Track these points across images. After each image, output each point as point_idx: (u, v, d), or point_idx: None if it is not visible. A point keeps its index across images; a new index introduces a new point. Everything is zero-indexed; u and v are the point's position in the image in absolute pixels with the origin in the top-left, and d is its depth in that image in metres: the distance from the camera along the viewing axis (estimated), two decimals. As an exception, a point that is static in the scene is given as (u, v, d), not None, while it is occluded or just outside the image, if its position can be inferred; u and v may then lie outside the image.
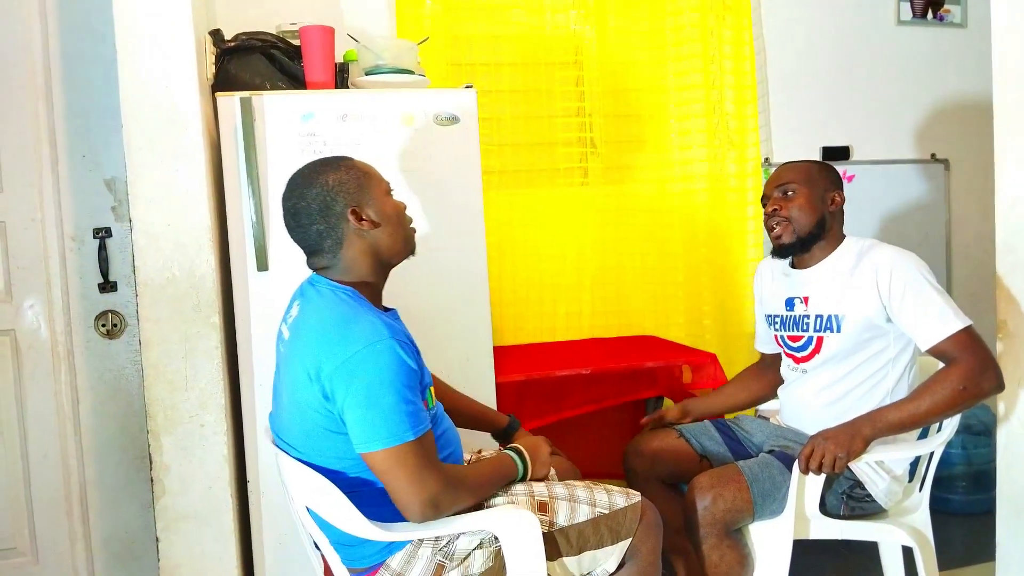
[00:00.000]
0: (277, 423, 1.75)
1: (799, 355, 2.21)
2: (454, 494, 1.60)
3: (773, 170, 3.47)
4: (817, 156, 3.57)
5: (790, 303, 2.22)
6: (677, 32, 3.32)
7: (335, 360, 1.54)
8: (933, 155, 3.74)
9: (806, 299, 2.17)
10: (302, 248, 1.74)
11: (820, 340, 2.13)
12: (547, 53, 3.23)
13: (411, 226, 1.80)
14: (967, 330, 1.93)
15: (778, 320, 2.28)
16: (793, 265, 2.24)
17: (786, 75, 3.51)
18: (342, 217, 1.67)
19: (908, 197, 3.71)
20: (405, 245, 1.77)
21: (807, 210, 2.13)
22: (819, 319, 2.12)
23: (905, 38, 3.68)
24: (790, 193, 2.15)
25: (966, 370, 1.88)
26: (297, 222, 1.70)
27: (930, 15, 3.71)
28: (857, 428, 1.93)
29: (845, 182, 3.57)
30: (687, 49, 3.33)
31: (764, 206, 2.23)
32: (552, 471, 1.90)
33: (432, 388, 1.75)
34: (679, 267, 3.37)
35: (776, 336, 2.30)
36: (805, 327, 2.17)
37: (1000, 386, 1.91)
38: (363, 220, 1.68)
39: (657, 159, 3.35)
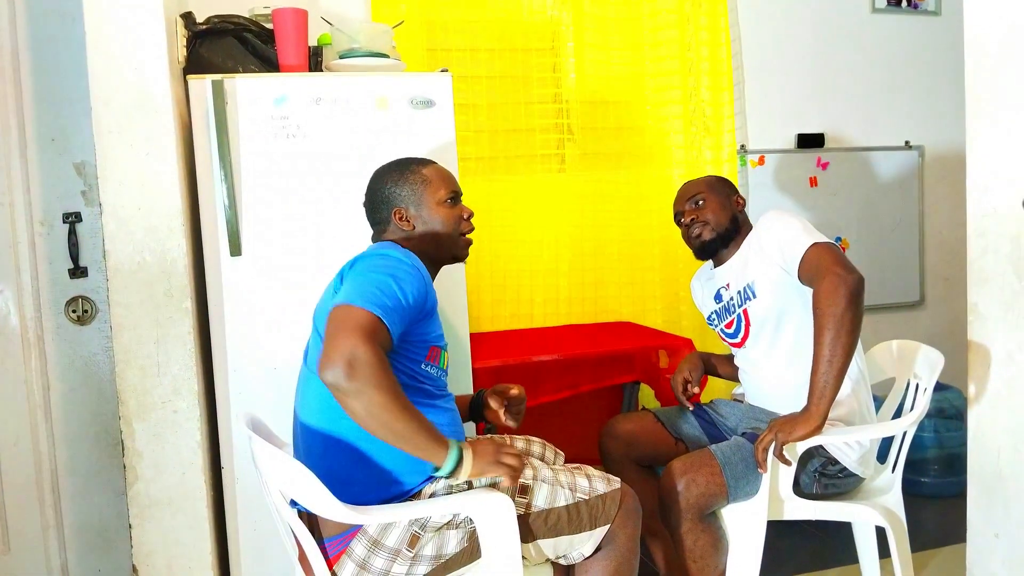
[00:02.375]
0: (308, 350, 1.83)
1: (736, 339, 2.29)
2: (372, 371, 1.49)
3: (747, 157, 3.50)
4: (792, 143, 3.61)
5: (718, 296, 2.34)
6: (653, 19, 3.33)
7: (359, 258, 1.73)
8: (907, 142, 3.77)
9: (728, 284, 2.29)
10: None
11: (745, 313, 2.22)
12: (524, 39, 3.23)
13: (465, 235, 1.93)
14: (816, 246, 2.01)
15: (714, 315, 2.37)
16: (715, 266, 2.36)
17: (762, 62, 3.53)
18: (389, 213, 1.89)
19: (882, 183, 3.74)
20: (446, 251, 1.92)
21: (719, 211, 2.28)
22: (739, 294, 2.24)
23: (880, 25, 3.71)
24: (700, 202, 2.30)
25: (828, 288, 1.92)
26: (367, 204, 1.95)
27: (904, 3, 3.74)
28: (808, 412, 1.94)
29: (819, 169, 3.63)
30: (663, 36, 3.34)
31: (679, 222, 2.36)
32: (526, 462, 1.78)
33: (447, 355, 1.84)
34: (656, 253, 3.38)
35: (718, 334, 2.38)
36: (732, 309, 2.27)
37: (860, 277, 1.94)
38: (404, 220, 1.88)
39: (634, 146, 3.36)
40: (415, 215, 1.87)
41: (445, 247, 1.91)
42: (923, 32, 3.76)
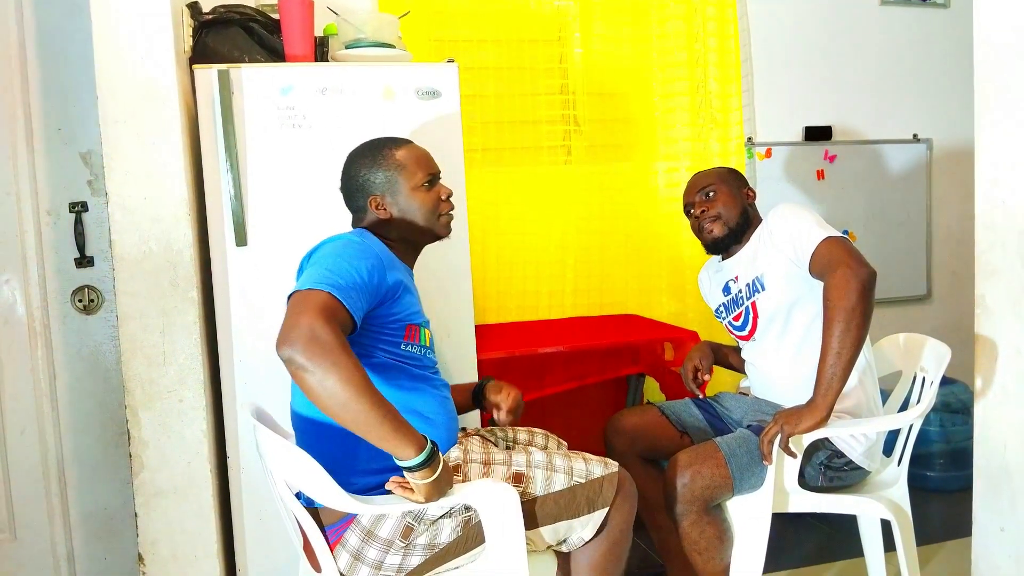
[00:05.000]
0: None
1: (744, 332, 2.28)
2: (331, 348, 1.45)
3: (755, 149, 3.49)
4: (800, 136, 3.59)
5: (726, 288, 2.32)
6: (661, 10, 3.32)
7: (314, 249, 1.73)
8: (915, 135, 3.75)
9: (736, 277, 2.28)
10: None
11: (754, 306, 2.21)
12: (530, 30, 3.21)
13: (445, 214, 1.90)
14: (828, 240, 2.00)
15: (722, 308, 2.36)
16: (723, 259, 2.35)
17: (770, 54, 3.51)
18: (365, 202, 1.86)
19: (890, 177, 3.73)
20: (426, 233, 1.89)
21: (731, 204, 2.27)
22: (747, 287, 2.23)
23: (888, 18, 3.69)
24: (712, 194, 2.28)
25: (840, 281, 1.91)
26: (342, 190, 1.92)
27: (913, -5, 3.72)
28: (813, 404, 1.93)
29: (827, 162, 3.61)
30: (671, 27, 3.32)
31: (689, 214, 2.34)
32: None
33: (428, 331, 1.83)
34: (662, 246, 3.37)
35: (726, 326, 2.37)
36: (740, 301, 2.26)
37: (872, 271, 1.92)
38: (380, 208, 1.84)
39: (641, 137, 3.35)
40: (391, 202, 1.84)
41: (424, 231, 1.88)
42: (932, 25, 3.74)
